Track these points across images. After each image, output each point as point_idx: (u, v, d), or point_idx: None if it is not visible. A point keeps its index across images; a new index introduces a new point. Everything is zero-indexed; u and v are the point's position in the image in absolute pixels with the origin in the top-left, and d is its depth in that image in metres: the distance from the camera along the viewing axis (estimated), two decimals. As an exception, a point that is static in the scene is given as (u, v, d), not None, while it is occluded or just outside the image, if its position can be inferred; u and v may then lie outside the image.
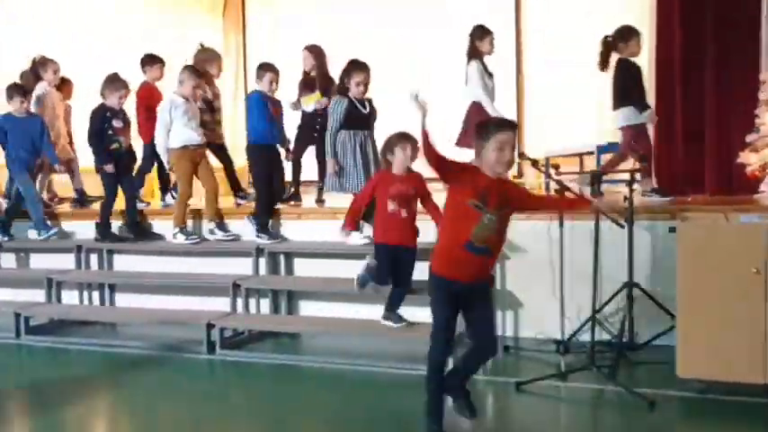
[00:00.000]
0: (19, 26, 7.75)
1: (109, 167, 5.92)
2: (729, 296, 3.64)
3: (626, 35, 5.61)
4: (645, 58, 6.45)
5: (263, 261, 5.63)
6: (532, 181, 6.71)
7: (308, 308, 5.60)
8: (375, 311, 5.21)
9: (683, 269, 3.76)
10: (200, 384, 4.44)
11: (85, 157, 6.50)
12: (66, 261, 6.21)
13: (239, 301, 5.45)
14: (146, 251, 6.07)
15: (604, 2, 7.80)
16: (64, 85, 7.09)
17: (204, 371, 4.75)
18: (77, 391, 4.30)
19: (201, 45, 6.72)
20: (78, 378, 4.58)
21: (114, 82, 5.97)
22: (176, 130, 5.77)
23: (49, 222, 6.36)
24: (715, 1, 5.94)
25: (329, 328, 5.18)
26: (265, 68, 5.83)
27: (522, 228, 5.05)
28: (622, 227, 4.30)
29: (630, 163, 5.74)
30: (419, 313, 4.51)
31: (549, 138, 7.76)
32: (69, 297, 6.14)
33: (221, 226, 5.85)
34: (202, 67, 6.29)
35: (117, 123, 5.97)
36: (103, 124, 5.92)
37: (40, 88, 6.68)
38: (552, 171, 4.28)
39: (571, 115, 7.86)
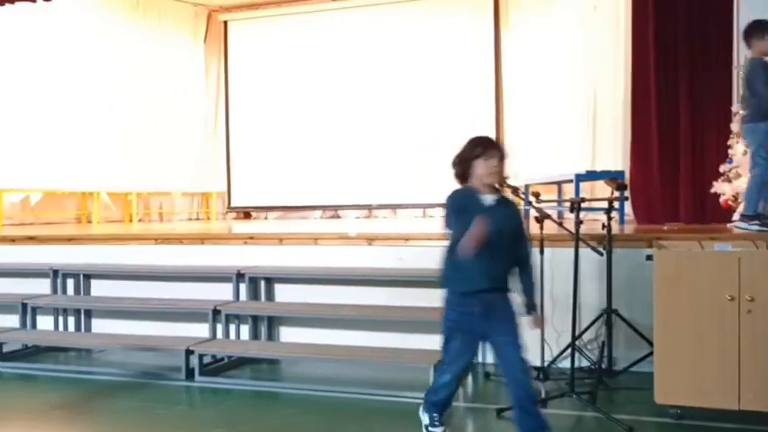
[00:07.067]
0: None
1: None
2: (704, 323, 3.70)
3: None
4: (621, 88, 6.59)
5: (243, 286, 5.60)
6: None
7: (288, 334, 5.57)
8: (355, 337, 5.21)
9: (659, 296, 3.81)
10: (178, 411, 4.38)
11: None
12: (41, 286, 6.11)
13: (219, 327, 5.41)
14: (123, 275, 6.01)
15: (584, 30, 7.96)
16: None
17: (182, 397, 4.69)
18: (46, 419, 4.21)
19: None
20: (49, 405, 4.48)
21: None
22: None
23: None
24: (688, 33, 6.11)
25: (310, 354, 5.15)
26: None
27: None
28: (601, 254, 4.38)
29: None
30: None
31: (529, 165, 7.86)
32: (44, 323, 6.03)
33: None
34: None
35: None
36: None
37: None
38: (532, 198, 4.34)
39: (551, 143, 7.97)
